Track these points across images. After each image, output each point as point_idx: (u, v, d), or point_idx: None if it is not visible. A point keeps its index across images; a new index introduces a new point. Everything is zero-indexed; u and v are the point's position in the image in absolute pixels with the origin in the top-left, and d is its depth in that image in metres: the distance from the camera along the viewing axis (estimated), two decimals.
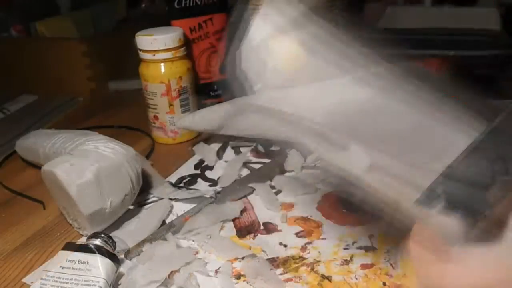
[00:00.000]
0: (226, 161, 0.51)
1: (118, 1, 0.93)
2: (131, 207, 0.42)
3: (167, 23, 0.58)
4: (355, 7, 0.81)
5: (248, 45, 0.26)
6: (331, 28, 0.25)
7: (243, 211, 0.42)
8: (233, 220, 0.41)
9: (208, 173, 0.49)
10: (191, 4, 0.58)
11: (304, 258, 0.36)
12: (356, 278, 0.33)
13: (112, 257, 0.33)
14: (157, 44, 0.52)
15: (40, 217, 0.44)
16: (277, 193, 0.44)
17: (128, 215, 0.41)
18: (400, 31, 0.76)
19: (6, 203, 0.47)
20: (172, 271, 0.34)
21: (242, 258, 0.36)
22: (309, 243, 0.37)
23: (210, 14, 0.60)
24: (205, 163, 0.51)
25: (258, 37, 0.26)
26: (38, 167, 0.40)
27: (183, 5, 0.58)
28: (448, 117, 0.23)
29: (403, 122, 0.23)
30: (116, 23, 0.91)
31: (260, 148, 0.53)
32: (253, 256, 0.36)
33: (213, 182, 0.48)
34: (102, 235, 0.35)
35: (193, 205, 0.43)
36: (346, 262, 0.35)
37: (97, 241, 0.34)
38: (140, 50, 0.54)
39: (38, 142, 0.48)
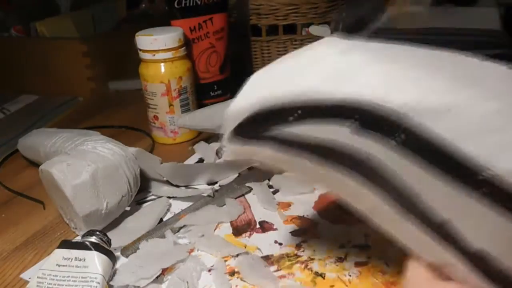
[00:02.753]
0: (225, 160, 0.51)
1: (118, 1, 0.93)
2: (128, 208, 0.42)
3: (167, 23, 0.59)
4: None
5: None
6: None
7: None
8: None
9: None
10: (191, 4, 0.58)
11: (298, 256, 0.36)
12: (350, 275, 0.33)
13: (108, 253, 0.33)
14: (157, 44, 0.52)
15: (40, 217, 0.44)
16: (274, 192, 0.44)
17: (126, 213, 0.42)
18: (400, 31, 0.76)
19: (6, 203, 0.47)
20: (167, 268, 0.34)
21: (237, 255, 0.36)
22: (304, 241, 0.37)
23: (210, 14, 0.60)
24: (205, 162, 0.51)
25: None
26: (38, 166, 0.40)
27: (183, 5, 0.58)
28: None
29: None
30: (116, 23, 0.91)
31: None
32: (247, 253, 0.36)
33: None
34: (97, 232, 0.35)
35: (191, 203, 0.43)
36: (340, 260, 0.35)
37: (93, 238, 0.34)
38: (140, 50, 0.54)
39: (39, 141, 0.48)
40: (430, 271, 0.23)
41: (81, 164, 0.38)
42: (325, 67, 0.23)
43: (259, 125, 0.24)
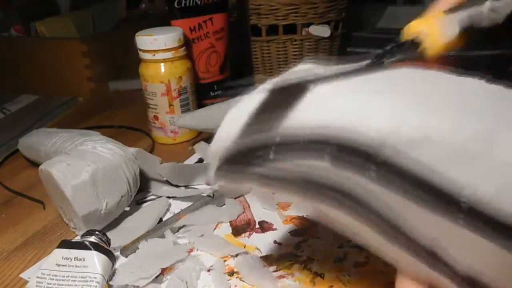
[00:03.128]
0: None
1: (118, 1, 0.93)
2: (127, 208, 0.42)
3: (167, 23, 0.59)
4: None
5: None
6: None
7: None
8: None
9: None
10: (191, 4, 0.58)
11: (297, 256, 0.36)
12: (349, 276, 0.33)
13: (108, 253, 0.33)
14: (157, 44, 0.52)
15: (40, 217, 0.44)
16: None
17: (125, 213, 0.42)
18: (399, 31, 0.76)
19: (6, 203, 0.47)
20: (166, 268, 0.34)
21: (236, 255, 0.36)
22: (303, 241, 0.37)
23: (210, 14, 0.60)
24: (204, 162, 0.51)
25: None
26: (38, 166, 0.40)
27: (183, 5, 0.58)
28: None
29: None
30: (116, 23, 0.91)
31: None
32: (246, 253, 0.36)
33: None
34: (97, 232, 0.35)
35: (191, 203, 0.43)
36: (339, 260, 0.35)
37: (92, 238, 0.34)
38: (140, 50, 0.54)
39: (39, 141, 0.49)
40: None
41: (81, 164, 0.38)
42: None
43: (241, 162, 0.24)
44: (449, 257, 0.20)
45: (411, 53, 0.23)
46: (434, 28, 0.24)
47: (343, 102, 0.21)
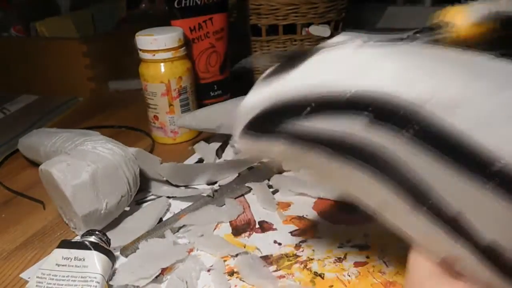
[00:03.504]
0: (225, 160, 0.51)
1: (118, 1, 0.93)
2: (127, 208, 0.42)
3: (167, 23, 0.59)
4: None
5: None
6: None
7: None
8: None
9: None
10: (191, 4, 0.58)
11: (297, 256, 0.36)
12: (349, 276, 0.33)
13: (108, 253, 0.33)
14: (157, 44, 0.52)
15: (40, 217, 0.44)
16: (274, 192, 0.44)
17: (125, 213, 0.42)
18: (399, 31, 0.76)
19: (6, 203, 0.47)
20: (166, 268, 0.34)
21: (236, 255, 0.36)
22: (303, 241, 0.37)
23: (210, 14, 0.60)
24: (204, 162, 0.51)
25: None
26: (38, 166, 0.40)
27: (183, 5, 0.58)
28: None
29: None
30: (116, 23, 0.91)
31: None
32: (246, 253, 0.36)
33: None
34: (97, 232, 0.35)
35: (191, 203, 0.43)
36: (339, 260, 0.35)
37: (92, 238, 0.34)
38: (140, 50, 0.54)
39: (39, 141, 0.49)
40: (435, 265, 0.23)
41: (81, 164, 0.38)
42: (338, 61, 0.23)
43: (272, 119, 0.24)
44: (472, 226, 0.20)
45: (434, 36, 0.24)
46: (455, 17, 0.25)
47: (385, 66, 0.22)
